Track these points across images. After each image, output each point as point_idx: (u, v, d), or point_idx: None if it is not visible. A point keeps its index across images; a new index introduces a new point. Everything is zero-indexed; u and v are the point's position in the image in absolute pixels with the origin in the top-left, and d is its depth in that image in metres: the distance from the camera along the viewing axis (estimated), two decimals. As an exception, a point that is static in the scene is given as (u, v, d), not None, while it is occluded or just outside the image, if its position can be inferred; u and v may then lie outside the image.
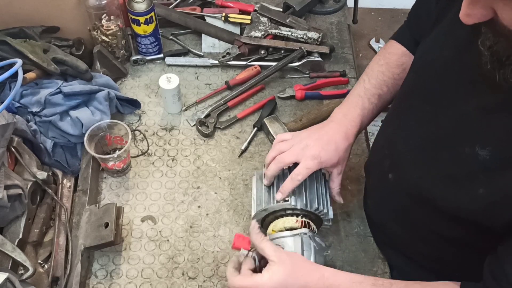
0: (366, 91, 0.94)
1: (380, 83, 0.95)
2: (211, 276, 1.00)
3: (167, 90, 1.18)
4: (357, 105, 0.93)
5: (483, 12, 0.57)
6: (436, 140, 0.77)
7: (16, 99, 1.12)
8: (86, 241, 0.97)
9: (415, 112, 0.83)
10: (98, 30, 1.26)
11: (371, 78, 0.96)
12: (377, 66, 0.97)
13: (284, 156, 0.91)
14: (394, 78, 0.95)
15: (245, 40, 1.35)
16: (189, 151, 1.19)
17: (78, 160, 1.14)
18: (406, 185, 0.83)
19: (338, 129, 0.91)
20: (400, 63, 0.96)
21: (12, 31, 1.18)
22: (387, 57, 0.98)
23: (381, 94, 0.94)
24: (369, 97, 0.94)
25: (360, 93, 0.95)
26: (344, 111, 0.94)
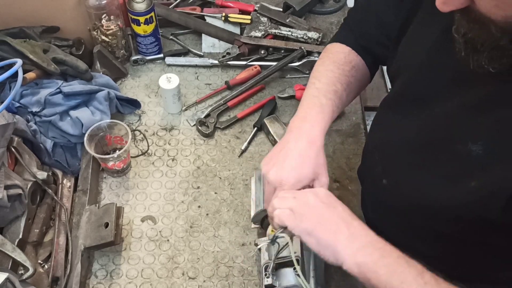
0: (320, 90, 0.88)
1: (332, 80, 0.89)
2: (211, 276, 1.00)
3: (167, 90, 1.18)
4: (314, 105, 0.86)
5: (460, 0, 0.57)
6: (426, 142, 0.76)
7: (16, 99, 1.12)
8: (86, 241, 0.97)
9: (401, 117, 0.81)
10: (98, 30, 1.26)
11: (321, 78, 0.89)
12: (323, 67, 0.92)
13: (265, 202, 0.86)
14: (345, 74, 0.90)
15: (245, 40, 1.35)
16: (189, 151, 1.19)
17: (78, 160, 1.14)
18: (401, 189, 0.82)
19: (298, 138, 0.83)
20: (348, 61, 0.92)
21: (12, 31, 1.18)
22: (332, 56, 0.93)
23: (336, 90, 0.88)
24: (325, 94, 0.86)
25: (313, 93, 0.88)
26: (301, 115, 0.86)
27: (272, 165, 0.82)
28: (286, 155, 0.82)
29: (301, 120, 0.85)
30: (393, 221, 0.90)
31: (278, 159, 0.82)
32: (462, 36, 0.61)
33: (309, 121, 0.84)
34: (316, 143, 0.83)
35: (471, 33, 0.60)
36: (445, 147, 0.72)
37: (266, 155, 0.86)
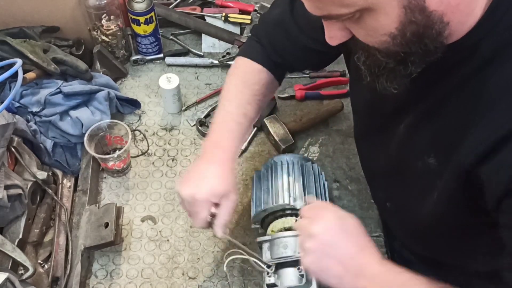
0: (230, 114, 0.92)
1: (241, 103, 0.93)
2: (211, 276, 1.00)
3: (167, 90, 1.18)
4: (225, 130, 0.91)
5: (341, 33, 0.62)
6: (397, 165, 0.80)
7: (16, 99, 1.12)
8: (86, 241, 0.97)
9: (370, 147, 0.89)
10: (98, 30, 1.26)
11: (231, 100, 0.94)
12: (234, 87, 0.95)
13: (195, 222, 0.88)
14: (255, 94, 0.94)
15: (245, 40, 1.35)
16: (189, 151, 1.19)
17: (78, 160, 1.14)
18: (401, 210, 0.86)
19: (209, 161, 0.88)
20: (257, 80, 0.95)
21: (12, 31, 1.18)
22: (242, 76, 0.97)
23: (245, 112, 0.92)
24: (234, 118, 0.91)
25: (224, 117, 0.93)
26: (213, 140, 0.91)
27: (185, 185, 0.86)
28: (198, 174, 0.87)
29: (214, 145, 0.90)
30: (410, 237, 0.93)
31: (191, 179, 0.87)
32: (362, 63, 0.66)
33: (220, 148, 0.89)
34: (227, 166, 0.88)
35: (368, 60, 0.65)
36: (408, 167, 0.76)
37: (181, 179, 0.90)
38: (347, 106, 1.25)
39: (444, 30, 0.57)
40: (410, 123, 0.74)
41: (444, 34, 0.58)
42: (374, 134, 0.87)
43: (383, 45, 0.60)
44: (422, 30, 0.56)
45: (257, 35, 1.00)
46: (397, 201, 0.87)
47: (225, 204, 0.85)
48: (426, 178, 0.73)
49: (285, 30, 0.93)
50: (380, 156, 0.85)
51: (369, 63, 0.65)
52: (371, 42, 0.61)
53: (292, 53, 0.94)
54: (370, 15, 0.56)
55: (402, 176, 0.80)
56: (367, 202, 1.10)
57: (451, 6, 0.55)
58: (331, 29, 0.63)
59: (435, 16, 0.55)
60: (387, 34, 0.57)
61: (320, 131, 1.23)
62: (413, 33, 0.56)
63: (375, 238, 1.05)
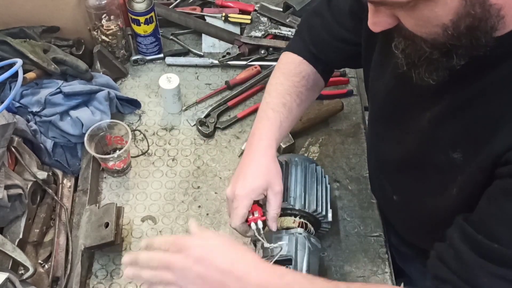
0: (268, 104, 0.93)
1: (280, 93, 0.93)
2: (211, 276, 1.00)
3: (167, 90, 1.18)
4: (262, 119, 0.92)
5: (387, 20, 0.61)
6: (412, 157, 0.80)
7: (16, 99, 1.12)
8: (86, 241, 0.97)
9: (388, 136, 0.86)
10: (98, 30, 1.26)
11: (271, 92, 0.95)
12: (274, 80, 0.97)
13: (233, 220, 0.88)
14: (295, 85, 0.94)
15: (245, 40, 1.35)
16: (189, 151, 1.19)
17: (78, 160, 1.14)
18: (410, 204, 0.86)
19: (249, 154, 0.89)
20: (298, 72, 0.95)
21: (12, 31, 1.18)
22: (283, 67, 0.98)
23: (284, 102, 0.92)
24: (272, 108, 0.92)
25: (263, 108, 0.94)
26: (252, 132, 0.92)
27: (231, 184, 0.87)
28: (242, 171, 0.87)
29: (252, 136, 0.91)
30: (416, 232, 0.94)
31: (237, 176, 0.87)
32: (401, 52, 0.65)
33: (257, 136, 0.90)
34: (267, 155, 0.87)
35: (408, 48, 0.63)
36: (432, 161, 0.75)
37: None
38: (347, 106, 1.25)
39: (498, 24, 0.55)
40: (436, 116, 0.72)
41: (497, 28, 0.56)
42: (392, 125, 0.84)
43: (431, 36, 0.58)
44: (477, 23, 0.55)
45: (298, 28, 1.02)
46: (407, 195, 0.86)
47: (270, 197, 0.85)
48: (447, 173, 0.72)
49: (322, 19, 0.93)
50: (395, 148, 0.83)
51: (409, 52, 0.63)
52: (419, 32, 0.59)
53: (327, 43, 0.94)
54: (427, 4, 0.54)
55: (418, 170, 0.78)
56: (367, 202, 1.10)
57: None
58: (377, 15, 0.61)
59: (494, 10, 0.54)
60: (440, 25, 0.56)
61: (320, 131, 1.23)
62: (468, 26, 0.55)
63: (375, 237, 1.05)
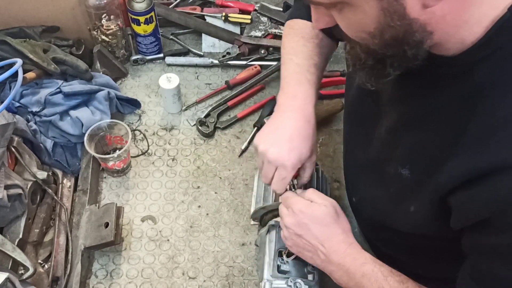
0: (301, 66, 0.88)
1: (309, 55, 0.89)
2: (212, 276, 1.00)
3: (167, 90, 1.18)
4: (301, 81, 0.86)
5: (326, 19, 0.62)
6: (370, 164, 0.80)
7: (16, 99, 1.12)
8: (86, 241, 0.97)
9: (351, 141, 0.88)
10: (98, 29, 1.26)
11: (298, 54, 0.90)
12: (294, 43, 0.92)
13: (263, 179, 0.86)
14: (318, 46, 0.91)
15: (245, 39, 1.35)
16: (189, 150, 1.19)
17: (78, 160, 1.14)
18: (365, 207, 0.86)
19: (294, 118, 0.83)
20: (315, 34, 0.92)
21: (12, 31, 1.18)
22: (299, 32, 0.93)
23: (315, 63, 0.89)
24: (307, 69, 0.87)
25: (295, 70, 0.88)
26: (292, 93, 0.86)
27: (271, 144, 0.81)
28: (285, 133, 0.81)
29: (292, 98, 0.85)
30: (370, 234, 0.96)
31: (277, 137, 0.82)
32: (347, 53, 0.66)
33: (300, 99, 0.84)
34: (311, 121, 0.83)
35: (351, 51, 0.64)
36: (381, 169, 0.75)
37: (259, 133, 0.86)
38: None
39: (426, 39, 0.56)
40: (392, 126, 0.72)
41: (426, 42, 0.56)
42: (357, 129, 0.86)
43: (363, 41, 0.59)
44: (402, 35, 0.55)
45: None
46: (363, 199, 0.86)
47: (307, 165, 0.84)
48: (398, 187, 0.72)
49: None
50: (358, 152, 0.85)
51: (352, 53, 0.64)
52: (351, 35, 0.60)
53: None
54: (350, 10, 0.55)
55: (376, 176, 0.78)
56: (367, 202, 1.10)
57: (435, 16, 0.53)
58: (317, 13, 0.63)
59: (417, 24, 0.54)
60: (366, 32, 0.57)
61: (320, 131, 1.23)
62: (392, 36, 0.55)
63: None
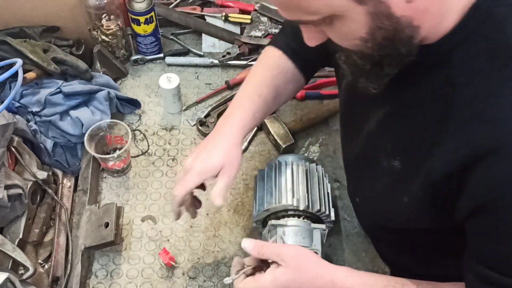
0: (245, 92, 0.96)
1: (258, 84, 0.95)
2: (212, 276, 1.00)
3: (167, 89, 1.18)
4: (237, 106, 0.94)
5: (317, 35, 0.63)
6: (364, 160, 0.81)
7: (16, 99, 1.12)
8: (86, 241, 0.97)
9: (346, 139, 0.90)
10: (98, 29, 1.26)
11: (250, 81, 0.97)
12: (254, 71, 0.99)
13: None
14: (272, 78, 0.96)
15: (245, 39, 1.35)
16: (190, 150, 1.19)
17: (78, 160, 1.14)
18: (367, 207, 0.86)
19: (216, 135, 0.91)
20: (277, 65, 0.97)
21: (12, 31, 1.18)
22: (264, 61, 1.00)
23: (260, 93, 0.94)
24: (249, 96, 0.94)
25: (240, 95, 0.96)
26: (226, 115, 0.94)
27: (193, 154, 0.89)
28: (205, 148, 0.89)
29: (224, 118, 0.94)
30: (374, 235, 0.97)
31: (200, 152, 0.89)
32: (343, 63, 0.67)
33: (229, 121, 0.92)
34: (232, 140, 0.89)
35: (348, 60, 0.66)
36: (374, 163, 0.77)
37: None
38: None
39: (415, 34, 0.58)
40: (381, 119, 0.74)
41: (416, 37, 0.58)
42: (350, 126, 0.88)
43: (357, 48, 0.60)
44: (392, 34, 0.57)
45: (283, 24, 1.03)
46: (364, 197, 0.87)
47: (220, 178, 0.86)
48: (391, 180, 0.73)
49: None
50: (352, 149, 0.86)
51: (349, 63, 0.66)
52: (345, 45, 0.62)
53: None
54: (339, 21, 0.57)
55: (370, 172, 0.79)
56: (368, 201, 1.10)
57: (419, 10, 0.55)
58: (307, 31, 0.64)
59: (404, 21, 0.55)
60: (358, 38, 0.58)
61: (321, 131, 1.23)
62: (384, 37, 0.57)
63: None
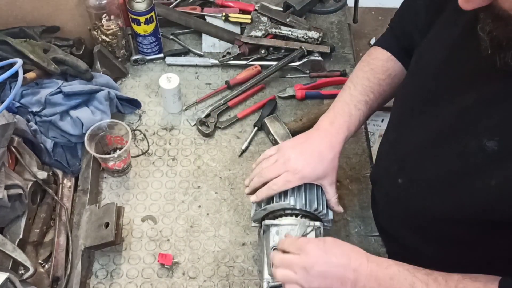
0: (352, 98, 0.93)
1: (365, 90, 0.94)
2: (212, 275, 1.00)
3: (167, 89, 1.18)
4: (344, 113, 0.92)
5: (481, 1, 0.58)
6: (439, 137, 0.76)
7: (17, 99, 1.12)
8: (86, 241, 0.97)
9: (417, 114, 0.82)
10: (98, 29, 1.26)
11: (357, 85, 0.95)
12: (361, 73, 0.96)
13: (266, 171, 0.91)
14: (379, 84, 0.94)
15: (245, 39, 1.35)
16: (190, 150, 1.19)
17: (78, 160, 1.14)
18: (415, 188, 0.82)
19: (322, 138, 0.90)
20: (385, 69, 0.95)
21: (12, 31, 1.18)
22: (372, 63, 0.97)
23: (367, 100, 0.93)
24: (355, 104, 0.93)
25: (346, 99, 0.94)
26: (331, 119, 0.93)
27: (294, 151, 0.90)
28: (309, 149, 0.89)
29: (329, 123, 0.92)
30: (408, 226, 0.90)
31: (301, 148, 0.90)
32: (487, 34, 0.62)
33: (335, 127, 0.91)
34: (335, 149, 0.90)
35: (496, 31, 0.60)
36: (457, 142, 0.72)
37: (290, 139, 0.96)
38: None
39: None
40: (485, 97, 0.68)
41: None
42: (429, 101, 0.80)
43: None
44: None
45: (391, 23, 1.00)
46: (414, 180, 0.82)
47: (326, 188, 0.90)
48: (479, 161, 0.69)
49: (415, 11, 0.90)
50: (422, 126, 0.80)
51: (497, 34, 0.60)
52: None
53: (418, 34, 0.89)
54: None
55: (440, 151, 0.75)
56: (367, 202, 1.10)
57: None
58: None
59: None
60: None
61: (321, 131, 1.23)
62: None
63: (375, 237, 1.05)
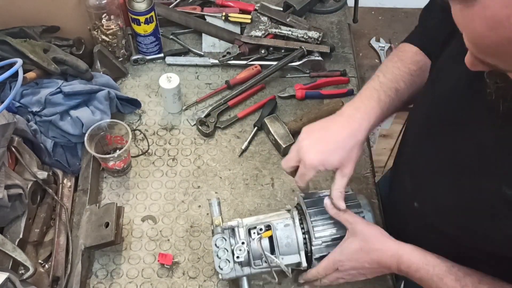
0: (382, 85, 0.87)
1: (396, 78, 0.88)
2: (212, 275, 1.00)
3: (167, 89, 1.18)
4: (372, 97, 0.85)
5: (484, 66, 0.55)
6: (456, 167, 0.73)
7: (17, 99, 1.12)
8: (86, 241, 0.97)
9: (433, 138, 0.79)
10: (98, 29, 1.26)
11: (386, 73, 0.89)
12: (391, 63, 0.91)
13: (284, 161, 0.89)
14: (410, 74, 0.88)
15: (245, 39, 1.35)
16: (190, 150, 1.19)
17: (78, 159, 1.14)
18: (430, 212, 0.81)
19: (343, 125, 0.84)
20: (415, 60, 0.90)
21: (12, 31, 1.18)
22: (401, 55, 0.92)
23: (398, 88, 0.86)
24: (385, 90, 0.86)
25: (375, 86, 0.87)
26: (356, 104, 0.86)
27: (311, 138, 0.85)
28: (326, 135, 0.84)
29: (355, 109, 0.86)
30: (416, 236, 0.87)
31: (318, 135, 0.85)
32: (494, 83, 0.61)
33: (360, 113, 0.84)
34: (357, 137, 0.84)
35: (502, 83, 0.59)
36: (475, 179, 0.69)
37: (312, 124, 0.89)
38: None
39: None
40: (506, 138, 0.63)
41: None
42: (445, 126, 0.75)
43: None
44: None
45: (420, 19, 0.96)
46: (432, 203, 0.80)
47: (337, 177, 0.85)
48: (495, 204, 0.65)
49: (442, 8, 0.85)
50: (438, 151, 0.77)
51: (502, 86, 0.59)
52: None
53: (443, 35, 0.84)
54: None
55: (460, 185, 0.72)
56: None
57: None
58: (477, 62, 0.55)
59: None
60: None
61: (321, 131, 1.22)
62: None
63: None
